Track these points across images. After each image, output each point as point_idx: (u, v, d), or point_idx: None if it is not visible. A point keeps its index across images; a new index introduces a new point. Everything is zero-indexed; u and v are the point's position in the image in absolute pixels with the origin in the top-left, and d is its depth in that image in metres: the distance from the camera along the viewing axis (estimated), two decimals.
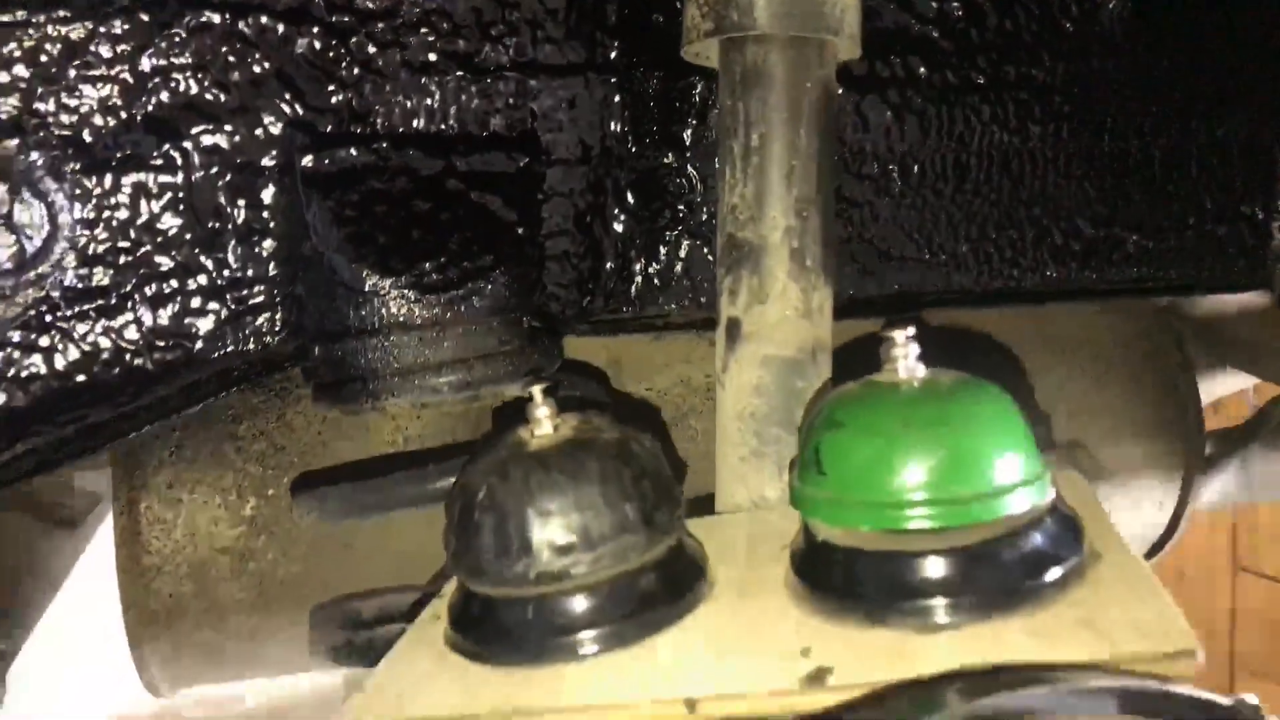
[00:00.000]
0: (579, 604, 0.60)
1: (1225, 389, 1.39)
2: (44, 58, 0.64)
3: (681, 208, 0.86)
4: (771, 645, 0.56)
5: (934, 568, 0.56)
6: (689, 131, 0.84)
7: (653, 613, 0.61)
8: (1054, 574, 0.56)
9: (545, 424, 0.64)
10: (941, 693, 0.48)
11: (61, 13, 0.65)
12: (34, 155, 0.63)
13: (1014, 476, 0.56)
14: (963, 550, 0.56)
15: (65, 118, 0.65)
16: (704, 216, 0.86)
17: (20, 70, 0.64)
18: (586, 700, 0.55)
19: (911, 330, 0.59)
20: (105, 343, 0.68)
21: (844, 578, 0.59)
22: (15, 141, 0.63)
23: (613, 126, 0.81)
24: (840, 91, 0.83)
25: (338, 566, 0.98)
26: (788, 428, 0.74)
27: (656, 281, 0.87)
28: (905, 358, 0.59)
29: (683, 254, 0.87)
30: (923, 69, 0.87)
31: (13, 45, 0.64)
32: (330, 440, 0.98)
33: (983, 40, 0.88)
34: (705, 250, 0.87)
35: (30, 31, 0.64)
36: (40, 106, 0.64)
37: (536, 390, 0.64)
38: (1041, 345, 1.10)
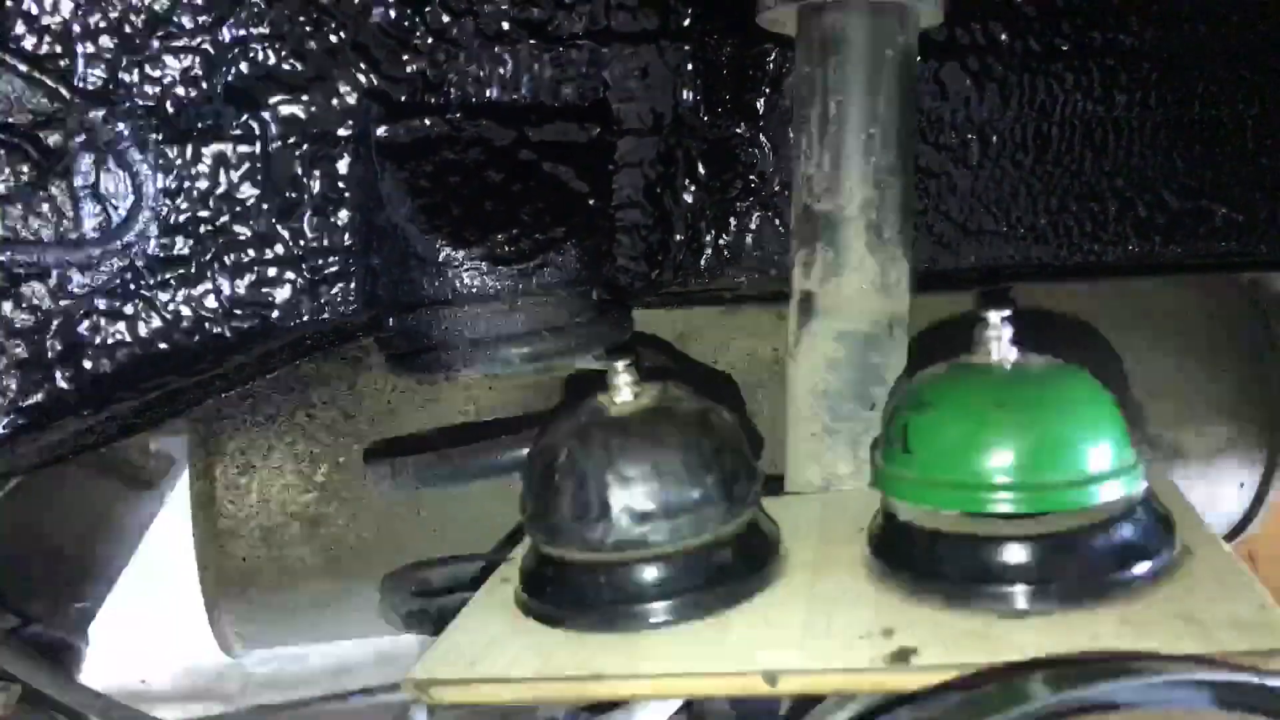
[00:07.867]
0: (655, 572, 0.60)
1: None
2: (129, 29, 0.65)
3: (753, 178, 0.84)
4: (851, 623, 0.56)
5: (1020, 553, 0.55)
6: (762, 100, 0.83)
7: (728, 586, 0.61)
8: (1145, 567, 0.55)
9: (625, 391, 0.63)
10: (1028, 682, 0.47)
11: None
12: (120, 125, 0.64)
13: (1105, 465, 0.55)
14: (1050, 537, 0.55)
15: (149, 89, 0.66)
16: (776, 187, 0.84)
17: (106, 41, 0.64)
18: (662, 669, 0.55)
19: (1007, 312, 0.58)
20: (186, 311, 0.69)
21: (925, 559, 0.58)
22: (102, 111, 0.64)
23: (685, 95, 0.80)
24: (919, 59, 0.80)
25: (408, 533, 0.99)
26: (863, 404, 0.73)
27: (726, 253, 0.85)
28: (999, 340, 0.58)
29: (753, 225, 0.85)
30: (1004, 35, 0.84)
31: (98, 16, 0.64)
32: (401, 409, 0.98)
33: (1068, 5, 0.84)
34: (777, 222, 0.85)
35: (116, 3, 0.64)
36: (125, 77, 0.65)
37: (619, 361, 0.63)
38: (1120, 321, 1.07)
